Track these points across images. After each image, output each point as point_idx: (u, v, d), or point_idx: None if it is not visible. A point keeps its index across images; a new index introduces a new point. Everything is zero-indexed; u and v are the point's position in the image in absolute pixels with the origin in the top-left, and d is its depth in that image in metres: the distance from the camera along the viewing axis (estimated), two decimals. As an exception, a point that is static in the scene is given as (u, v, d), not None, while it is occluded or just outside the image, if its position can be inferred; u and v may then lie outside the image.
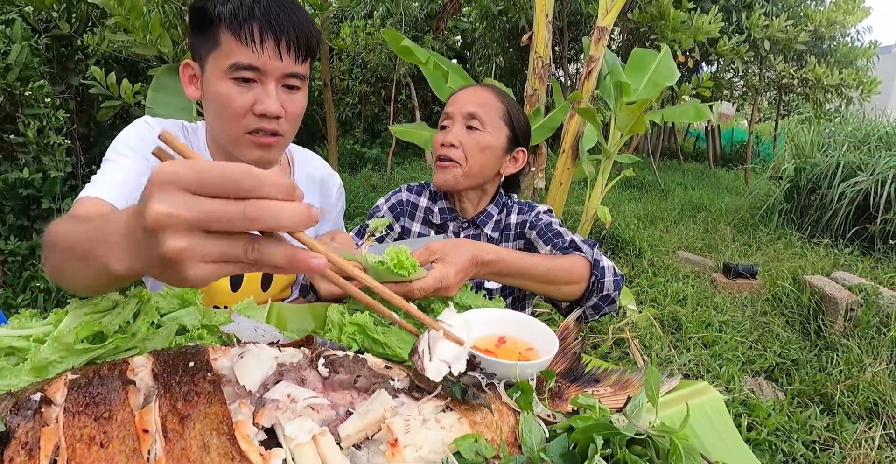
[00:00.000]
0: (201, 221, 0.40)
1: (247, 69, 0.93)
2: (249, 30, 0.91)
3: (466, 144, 1.18)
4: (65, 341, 0.65)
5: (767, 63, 7.58)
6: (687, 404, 0.64)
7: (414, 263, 0.78)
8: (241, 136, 0.98)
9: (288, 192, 0.43)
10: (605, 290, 1.04)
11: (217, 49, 0.94)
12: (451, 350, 0.67)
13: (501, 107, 1.22)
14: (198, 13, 0.95)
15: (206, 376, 0.52)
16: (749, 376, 2.55)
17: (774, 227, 4.90)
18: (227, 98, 0.94)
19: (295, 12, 0.95)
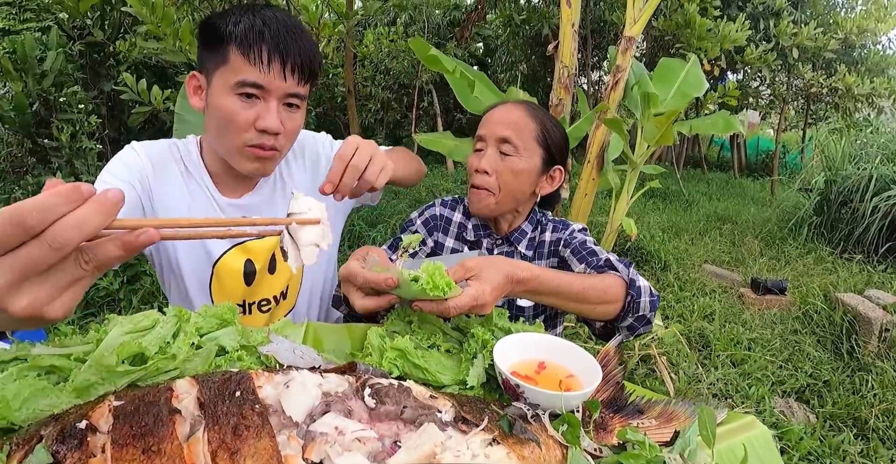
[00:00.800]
0: (21, 274, 0.41)
1: (252, 86, 0.98)
2: (258, 50, 0.96)
3: (499, 171, 1.15)
4: (106, 363, 0.64)
5: (795, 71, 7.44)
6: (745, 447, 0.62)
7: (449, 282, 0.77)
8: (241, 148, 1.03)
9: (74, 198, 0.42)
10: (641, 310, 1.02)
11: (225, 65, 0.98)
12: (314, 232, 0.67)
13: (535, 127, 1.17)
14: (209, 29, 1.00)
15: (253, 408, 0.52)
16: (779, 397, 2.48)
17: (804, 241, 4.77)
18: (231, 112, 0.99)
19: (301, 38, 1.01)
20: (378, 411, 0.57)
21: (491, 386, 0.78)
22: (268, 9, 1.02)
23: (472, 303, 0.78)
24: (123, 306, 2.92)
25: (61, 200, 0.41)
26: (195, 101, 1.07)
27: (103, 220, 0.43)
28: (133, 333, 0.72)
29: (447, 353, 0.80)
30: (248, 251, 1.18)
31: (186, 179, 1.14)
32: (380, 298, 0.82)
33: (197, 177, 1.15)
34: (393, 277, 0.77)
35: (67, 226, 0.41)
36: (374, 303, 0.82)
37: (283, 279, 1.23)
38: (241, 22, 0.98)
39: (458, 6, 8.23)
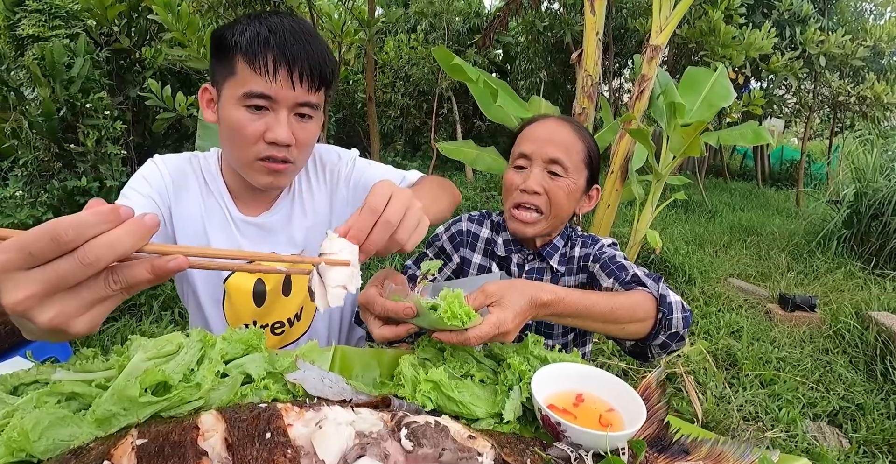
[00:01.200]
0: (53, 287, 0.43)
1: (259, 97, 0.95)
2: (264, 60, 0.93)
3: (550, 192, 1.10)
4: (128, 394, 0.62)
5: (822, 79, 7.28)
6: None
7: (468, 311, 0.72)
8: (253, 161, 1.00)
9: (111, 219, 0.44)
10: (674, 328, 0.96)
11: (233, 77, 0.96)
12: (343, 273, 0.65)
13: (583, 148, 1.13)
14: (217, 40, 0.98)
15: (285, 453, 0.48)
16: (811, 421, 2.39)
17: (833, 255, 4.63)
18: (239, 125, 0.96)
19: (310, 43, 0.96)
20: (415, 453, 0.54)
21: (527, 419, 0.74)
22: (275, 16, 0.99)
23: (495, 332, 0.73)
24: (144, 312, 2.93)
25: (99, 220, 0.43)
26: (208, 115, 1.05)
27: (136, 242, 0.45)
28: (156, 359, 0.69)
29: (481, 383, 0.76)
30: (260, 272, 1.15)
31: (205, 194, 1.13)
32: (398, 328, 0.79)
33: (215, 192, 1.13)
34: (412, 307, 0.74)
35: (101, 244, 0.43)
36: (392, 332, 0.79)
37: (297, 302, 1.20)
38: (246, 31, 0.94)
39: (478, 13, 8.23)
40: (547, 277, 1.20)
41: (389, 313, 0.76)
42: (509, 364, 0.75)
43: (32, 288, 0.42)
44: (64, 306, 0.44)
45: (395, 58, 7.00)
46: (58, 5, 3.85)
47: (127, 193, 1.06)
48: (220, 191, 1.13)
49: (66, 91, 3.33)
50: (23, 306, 0.43)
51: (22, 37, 3.79)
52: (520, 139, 1.17)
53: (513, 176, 1.15)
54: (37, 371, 0.72)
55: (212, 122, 1.04)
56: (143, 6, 4.06)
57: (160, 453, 0.49)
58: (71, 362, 0.75)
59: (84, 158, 3.36)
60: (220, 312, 1.17)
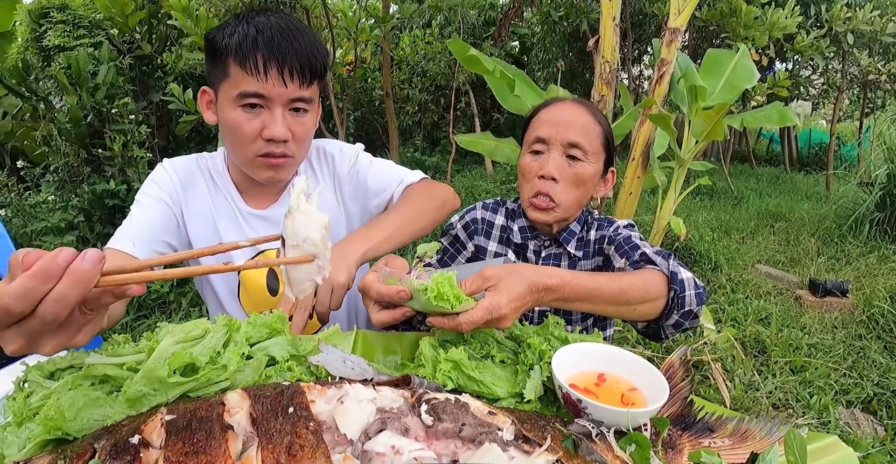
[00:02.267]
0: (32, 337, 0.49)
1: (253, 96, 0.98)
2: (254, 60, 0.95)
3: (567, 179, 1.09)
4: (158, 375, 0.64)
5: (851, 58, 7.04)
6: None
7: (458, 295, 0.70)
8: (253, 158, 1.04)
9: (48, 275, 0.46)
10: (687, 305, 0.92)
11: (227, 79, 0.99)
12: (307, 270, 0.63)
13: (601, 131, 1.11)
14: (210, 44, 1.01)
15: (308, 425, 0.49)
16: (843, 408, 2.32)
17: (865, 239, 4.48)
18: (237, 125, 1.00)
19: (298, 39, 0.99)
20: (435, 428, 0.54)
21: (548, 399, 0.74)
22: (262, 15, 1.01)
23: (487, 316, 0.71)
24: (174, 309, 3.01)
25: (37, 282, 0.46)
26: (208, 116, 1.08)
27: (82, 291, 0.47)
28: (183, 343, 0.71)
29: (501, 363, 0.76)
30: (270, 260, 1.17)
31: (213, 191, 1.16)
32: (394, 311, 0.78)
33: (223, 188, 1.16)
34: (405, 290, 0.73)
35: (51, 303, 0.47)
36: (389, 316, 0.78)
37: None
38: (235, 33, 0.97)
39: (493, 5, 8.18)
40: (565, 263, 1.19)
41: (384, 297, 0.76)
42: (529, 344, 0.76)
43: (19, 341, 0.49)
44: (56, 340, 0.51)
45: (410, 53, 6.99)
46: (81, 15, 3.95)
47: (140, 199, 1.11)
48: (227, 187, 1.17)
49: (92, 98, 3.43)
50: (21, 352, 0.50)
51: (48, 47, 3.90)
52: (534, 123, 1.15)
53: (530, 161, 1.13)
54: (71, 357, 0.75)
55: (212, 122, 1.08)
56: (163, 13, 4.15)
57: (188, 427, 0.51)
58: (103, 348, 0.78)
59: (111, 162, 3.46)
60: (237, 302, 1.19)
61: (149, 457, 0.50)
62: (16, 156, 4.82)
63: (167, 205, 1.10)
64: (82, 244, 3.24)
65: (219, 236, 1.15)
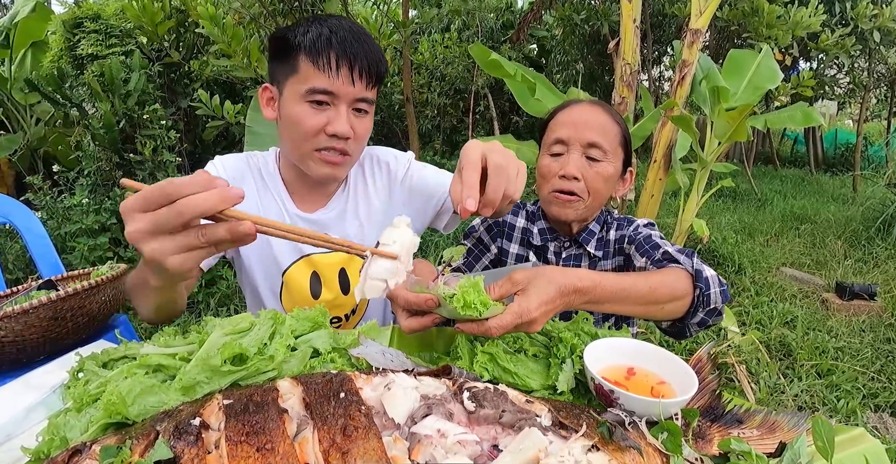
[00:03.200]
0: (154, 226, 0.57)
1: (322, 93, 1.01)
2: (327, 57, 0.99)
3: (589, 177, 1.10)
4: (211, 363, 0.68)
5: (878, 56, 6.90)
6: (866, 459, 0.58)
7: (485, 301, 0.70)
8: (312, 153, 1.06)
9: (205, 185, 0.57)
10: (713, 303, 0.92)
11: (295, 75, 1.02)
12: (385, 267, 0.67)
13: (619, 131, 1.13)
14: (279, 42, 1.05)
15: (360, 409, 0.53)
16: (871, 412, 2.29)
17: (894, 241, 4.40)
18: (301, 118, 1.03)
19: (367, 42, 1.03)
20: (477, 414, 0.57)
21: (580, 391, 0.76)
22: (333, 18, 1.05)
23: (517, 320, 0.71)
24: (202, 308, 3.09)
25: (196, 184, 0.56)
26: (268, 113, 1.11)
27: (218, 204, 0.57)
28: (232, 335, 0.76)
29: (534, 357, 0.79)
30: (314, 264, 1.20)
31: (262, 191, 1.19)
32: (423, 319, 0.77)
33: (272, 189, 1.19)
34: (432, 298, 0.73)
35: (192, 200, 0.56)
36: (419, 323, 0.77)
37: (353, 300, 1.24)
38: (308, 32, 1.01)
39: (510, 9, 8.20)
40: (585, 264, 1.20)
41: (412, 305, 0.75)
42: (561, 338, 0.78)
43: (141, 225, 0.57)
44: (163, 243, 0.58)
45: (430, 58, 7.05)
46: (113, 25, 4.08)
47: None
48: (276, 187, 1.19)
49: (124, 105, 3.54)
50: (134, 237, 0.58)
51: (81, 56, 4.04)
52: (552, 125, 1.17)
53: (549, 162, 1.15)
54: (125, 348, 0.80)
55: (271, 119, 1.11)
56: (190, 21, 4.27)
57: (245, 410, 0.55)
58: (154, 339, 0.83)
59: (142, 166, 3.56)
60: (278, 302, 1.23)
61: (209, 438, 0.54)
62: (48, 161, 4.99)
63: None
64: (115, 246, 3.34)
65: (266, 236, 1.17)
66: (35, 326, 1.16)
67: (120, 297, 1.35)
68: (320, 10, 4.03)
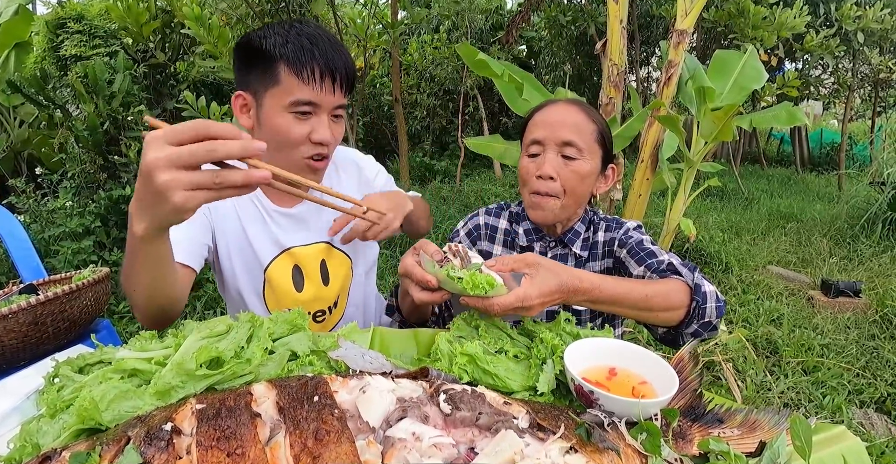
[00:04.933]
0: (178, 158, 0.61)
1: (307, 104, 1.04)
2: (311, 70, 1.01)
3: (565, 176, 1.11)
4: (186, 368, 0.67)
5: (861, 57, 6.99)
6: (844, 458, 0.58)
7: (490, 280, 0.79)
8: (300, 160, 1.09)
9: (234, 133, 0.63)
10: (707, 317, 0.97)
11: (277, 86, 1.03)
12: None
13: (595, 128, 1.13)
14: (253, 50, 1.04)
15: (332, 413, 0.52)
16: (857, 408, 2.31)
17: (878, 239, 4.44)
18: (286, 129, 1.05)
19: (342, 52, 1.06)
20: (453, 417, 0.57)
21: (561, 392, 0.76)
22: (306, 25, 1.05)
23: (517, 303, 0.79)
24: (188, 311, 3.05)
25: (226, 130, 0.62)
26: (243, 120, 1.12)
27: (241, 151, 0.62)
28: (209, 338, 0.74)
29: (515, 358, 0.78)
30: (295, 257, 1.22)
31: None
32: (434, 294, 0.86)
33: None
34: (433, 279, 0.83)
35: (224, 142, 0.62)
36: (429, 297, 0.86)
37: (335, 290, 1.27)
38: (288, 42, 1.01)
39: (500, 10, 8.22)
40: (571, 264, 1.20)
41: (421, 283, 0.85)
42: (542, 339, 0.78)
43: (163, 154, 0.60)
44: (177, 176, 0.61)
45: (419, 59, 7.05)
46: (97, 26, 4.03)
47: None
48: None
49: (108, 106, 3.50)
50: (153, 164, 0.61)
51: (65, 57, 3.98)
52: (530, 126, 1.18)
53: (527, 164, 1.16)
54: (101, 353, 0.79)
55: (248, 127, 1.11)
56: (176, 22, 4.23)
57: (218, 415, 0.54)
58: (131, 344, 0.81)
59: (127, 168, 3.52)
60: (261, 302, 1.23)
61: (181, 443, 0.53)
62: (32, 164, 4.92)
63: (202, 214, 1.16)
64: (99, 249, 3.30)
65: (245, 235, 1.19)
66: (14, 331, 1.14)
67: (102, 301, 1.33)
68: (307, 10, 4.01)
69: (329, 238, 1.25)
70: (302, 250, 1.22)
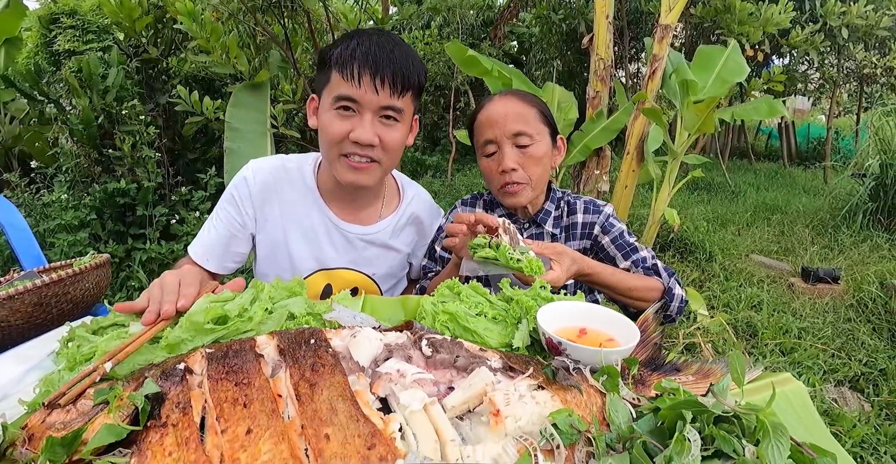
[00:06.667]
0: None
1: (346, 100, 1.08)
2: (350, 67, 1.06)
3: (525, 164, 1.20)
4: (195, 321, 0.74)
5: (846, 52, 7.11)
6: (773, 384, 0.66)
7: (541, 264, 0.99)
8: (337, 158, 1.14)
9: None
10: (669, 312, 1.22)
11: (328, 85, 1.11)
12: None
13: (537, 111, 1.22)
14: (320, 57, 1.14)
15: (327, 351, 0.59)
16: (832, 386, 2.41)
17: (858, 228, 4.57)
18: (329, 124, 1.11)
19: (394, 51, 1.09)
20: (434, 359, 0.64)
21: (535, 349, 0.84)
22: (366, 32, 1.13)
23: (553, 283, 0.99)
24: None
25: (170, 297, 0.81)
26: (312, 121, 1.19)
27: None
28: (217, 302, 0.82)
29: (493, 319, 0.86)
30: (331, 277, 1.29)
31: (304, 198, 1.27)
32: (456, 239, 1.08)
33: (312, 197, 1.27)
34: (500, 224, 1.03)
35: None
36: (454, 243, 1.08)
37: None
38: (339, 46, 1.10)
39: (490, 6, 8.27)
40: (548, 241, 1.29)
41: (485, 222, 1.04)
42: (518, 301, 0.85)
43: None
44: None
45: (410, 54, 7.09)
46: (90, 21, 4.05)
47: (220, 206, 1.27)
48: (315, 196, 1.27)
49: (102, 100, 3.54)
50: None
51: (58, 52, 4.01)
52: (477, 128, 1.26)
53: (489, 163, 1.24)
54: (114, 316, 0.85)
55: (314, 126, 1.18)
56: (168, 17, 4.26)
57: (225, 355, 0.61)
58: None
59: (121, 162, 3.56)
60: None
61: (193, 380, 0.60)
62: (22, 159, 4.93)
63: (239, 223, 1.24)
64: (95, 241, 3.35)
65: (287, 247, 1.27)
66: (20, 311, 1.18)
67: (103, 285, 1.38)
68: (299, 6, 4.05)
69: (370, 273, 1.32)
70: (340, 273, 1.29)
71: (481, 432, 0.55)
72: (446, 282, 0.94)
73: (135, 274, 3.15)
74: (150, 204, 3.44)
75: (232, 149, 3.38)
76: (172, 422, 0.53)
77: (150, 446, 0.51)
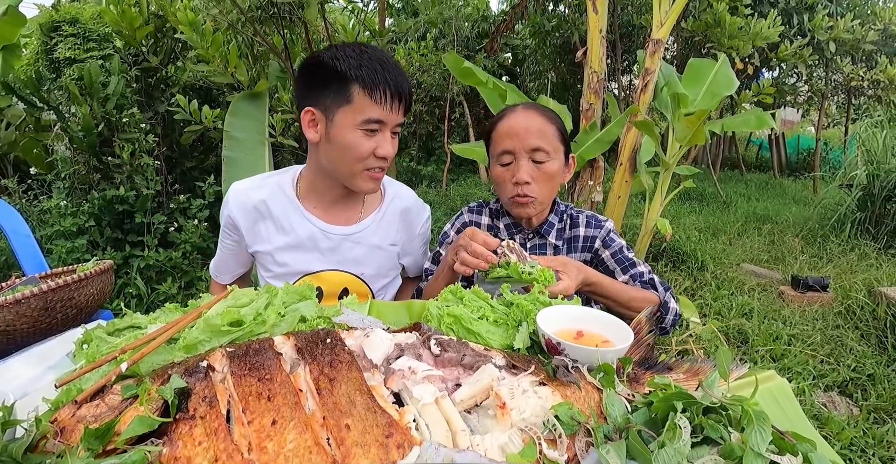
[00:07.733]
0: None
1: (376, 122, 1.16)
2: (382, 92, 1.14)
3: (538, 178, 1.25)
4: (213, 324, 0.78)
5: (834, 66, 7.27)
6: (756, 379, 0.70)
7: (552, 275, 1.05)
8: (362, 172, 1.22)
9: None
10: (664, 324, 1.28)
11: (349, 105, 1.15)
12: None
13: (556, 129, 1.26)
14: (325, 70, 1.16)
15: (344, 348, 0.63)
16: (821, 391, 2.47)
17: (847, 237, 4.66)
18: (355, 144, 1.17)
19: (404, 76, 1.19)
20: (442, 357, 0.68)
21: (534, 351, 0.88)
22: (374, 50, 1.18)
23: (563, 292, 1.06)
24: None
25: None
26: (311, 135, 1.23)
27: None
28: (234, 307, 0.85)
29: (495, 322, 0.90)
30: (320, 280, 1.34)
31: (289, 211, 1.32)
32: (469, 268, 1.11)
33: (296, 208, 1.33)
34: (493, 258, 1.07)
35: None
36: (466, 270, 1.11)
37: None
38: (362, 65, 1.14)
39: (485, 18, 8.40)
40: (550, 252, 1.34)
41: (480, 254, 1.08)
42: (518, 305, 0.90)
43: None
44: None
45: (406, 66, 7.17)
46: (91, 29, 4.10)
47: (221, 236, 1.38)
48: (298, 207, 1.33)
49: (102, 108, 3.57)
50: None
51: (59, 59, 4.04)
52: (495, 137, 1.29)
53: (502, 172, 1.28)
54: (130, 319, 0.89)
55: (314, 141, 1.23)
56: (168, 27, 4.31)
57: (246, 354, 0.65)
58: (156, 316, 0.92)
59: (120, 169, 3.59)
60: None
61: (216, 376, 0.64)
62: (18, 166, 4.94)
63: (235, 242, 1.36)
64: (93, 248, 3.36)
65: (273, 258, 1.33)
66: (26, 316, 1.19)
67: (106, 291, 1.40)
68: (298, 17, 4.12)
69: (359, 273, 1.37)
70: (327, 275, 1.35)
71: (488, 423, 0.60)
72: (449, 287, 0.99)
73: (133, 281, 3.17)
74: (148, 211, 3.46)
75: (230, 158, 3.42)
76: (200, 414, 0.57)
77: (181, 436, 0.54)
